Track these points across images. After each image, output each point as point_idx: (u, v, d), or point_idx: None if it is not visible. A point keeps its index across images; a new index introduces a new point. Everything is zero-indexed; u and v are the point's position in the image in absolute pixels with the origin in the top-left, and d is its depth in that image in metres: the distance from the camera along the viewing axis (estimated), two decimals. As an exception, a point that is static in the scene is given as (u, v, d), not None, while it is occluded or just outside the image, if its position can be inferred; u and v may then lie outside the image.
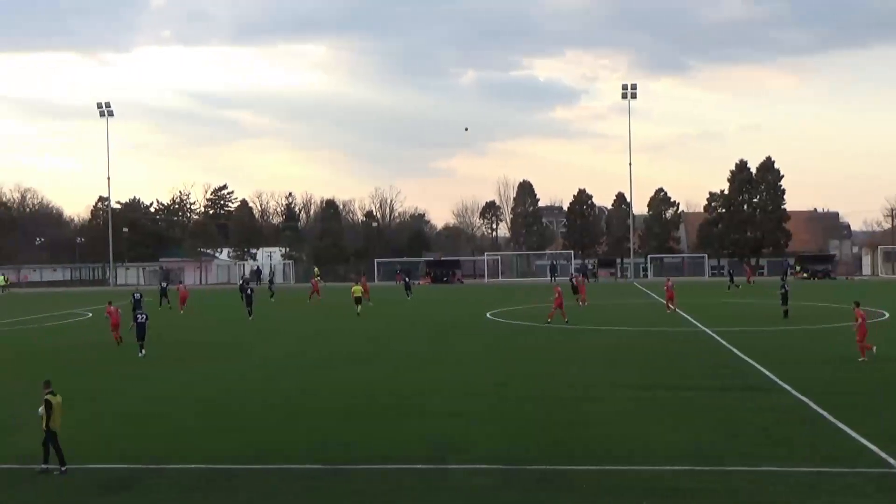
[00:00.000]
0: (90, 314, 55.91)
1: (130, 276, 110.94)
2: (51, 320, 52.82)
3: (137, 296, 49.63)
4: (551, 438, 19.04)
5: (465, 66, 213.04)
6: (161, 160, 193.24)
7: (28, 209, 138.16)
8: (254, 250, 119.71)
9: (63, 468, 17.11)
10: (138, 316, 35.25)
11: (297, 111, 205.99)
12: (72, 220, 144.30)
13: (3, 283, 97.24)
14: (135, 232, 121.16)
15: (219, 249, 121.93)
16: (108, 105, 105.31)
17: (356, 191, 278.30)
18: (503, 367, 29.46)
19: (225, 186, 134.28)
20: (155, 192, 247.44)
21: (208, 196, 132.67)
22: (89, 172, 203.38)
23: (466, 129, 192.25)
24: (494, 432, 19.59)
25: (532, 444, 18.56)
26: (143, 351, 33.92)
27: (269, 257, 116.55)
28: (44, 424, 17.34)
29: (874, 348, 29.52)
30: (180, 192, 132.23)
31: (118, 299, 53.45)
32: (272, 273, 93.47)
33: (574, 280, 64.35)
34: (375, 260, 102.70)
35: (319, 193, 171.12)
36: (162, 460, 17.73)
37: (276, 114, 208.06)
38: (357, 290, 52.66)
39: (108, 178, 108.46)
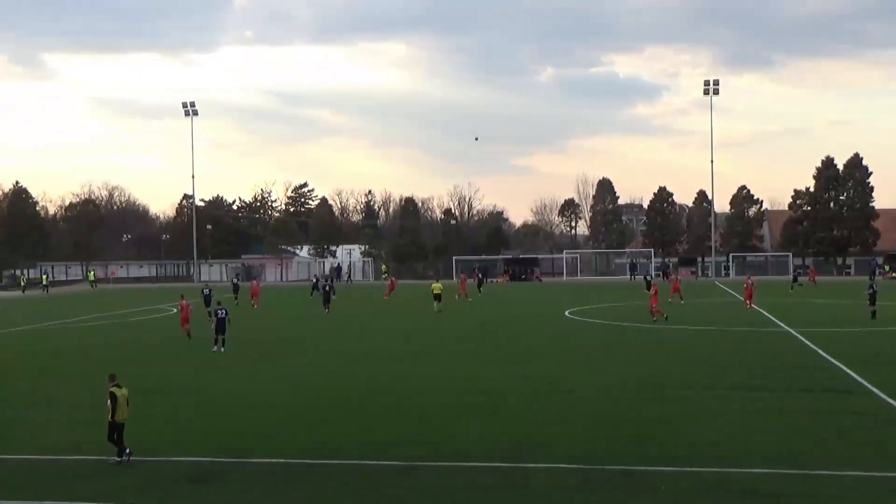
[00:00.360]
0: (174, 310, 57.04)
1: (214, 272, 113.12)
2: (136, 315, 54.15)
3: (206, 291, 51.17)
4: (630, 437, 18.96)
5: (545, 63, 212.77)
6: (243, 158, 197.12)
7: (115, 206, 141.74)
8: (333, 247, 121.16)
9: (120, 458, 17.47)
10: (218, 311, 35.84)
11: (377, 109, 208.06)
12: (157, 217, 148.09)
13: (92, 278, 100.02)
14: (218, 229, 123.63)
15: (299, 246, 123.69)
16: (192, 104, 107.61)
17: (435, 188, 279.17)
18: (582, 366, 29.41)
19: (305, 184, 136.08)
20: (237, 190, 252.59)
21: (289, 194, 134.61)
22: (174, 170, 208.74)
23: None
24: (573, 432, 19.57)
25: (611, 443, 18.50)
26: (224, 347, 34.60)
27: (349, 254, 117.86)
28: (108, 416, 17.84)
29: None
30: (262, 189, 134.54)
31: (198, 295, 54.66)
32: (350, 270, 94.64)
33: (648, 278, 63.78)
34: (454, 257, 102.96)
35: (398, 191, 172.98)
36: (244, 454, 18.16)
37: (356, 112, 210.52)
38: (437, 287, 53.14)
39: (193, 176, 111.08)
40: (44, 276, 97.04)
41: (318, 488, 15.70)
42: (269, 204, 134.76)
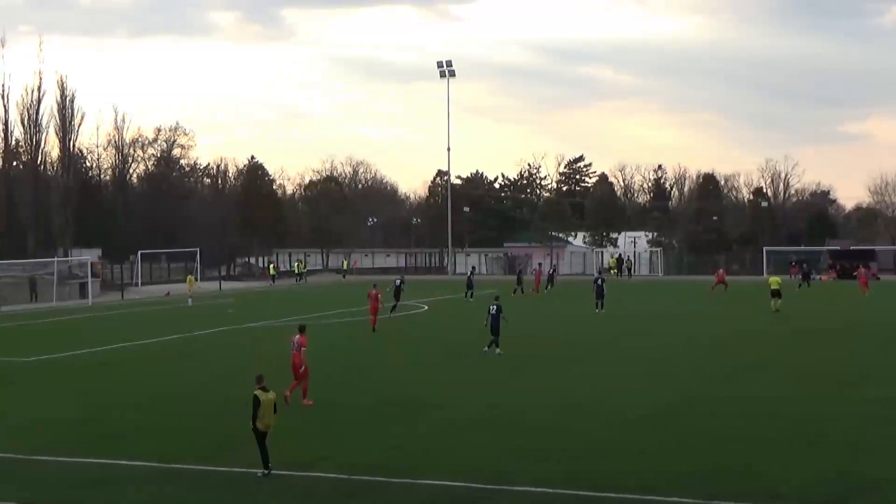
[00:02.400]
0: (425, 307, 58.85)
1: (472, 263, 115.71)
2: (383, 312, 56.18)
3: (398, 282, 53.19)
4: None
5: (887, 0, 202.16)
6: (507, 127, 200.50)
7: (360, 185, 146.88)
8: (615, 235, 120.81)
9: (266, 472, 18.54)
10: (490, 308, 36.58)
11: (670, 66, 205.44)
12: (407, 197, 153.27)
13: (345, 267, 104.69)
14: (477, 212, 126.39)
15: (572, 234, 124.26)
16: (448, 64, 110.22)
17: (742, 163, 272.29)
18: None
19: (581, 158, 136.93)
20: (500, 166, 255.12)
21: (561, 170, 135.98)
22: (427, 143, 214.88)
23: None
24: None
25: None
26: (498, 349, 35.51)
27: (633, 243, 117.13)
28: (251, 423, 18.76)
29: None
30: (529, 165, 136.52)
31: (451, 290, 55.87)
32: (629, 262, 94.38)
33: None
34: (764, 248, 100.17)
35: (696, 166, 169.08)
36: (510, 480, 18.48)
37: (643, 70, 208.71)
38: (775, 281, 54.95)
39: (448, 150, 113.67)
40: (297, 265, 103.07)
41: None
42: (538, 182, 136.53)
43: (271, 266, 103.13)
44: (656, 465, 19.54)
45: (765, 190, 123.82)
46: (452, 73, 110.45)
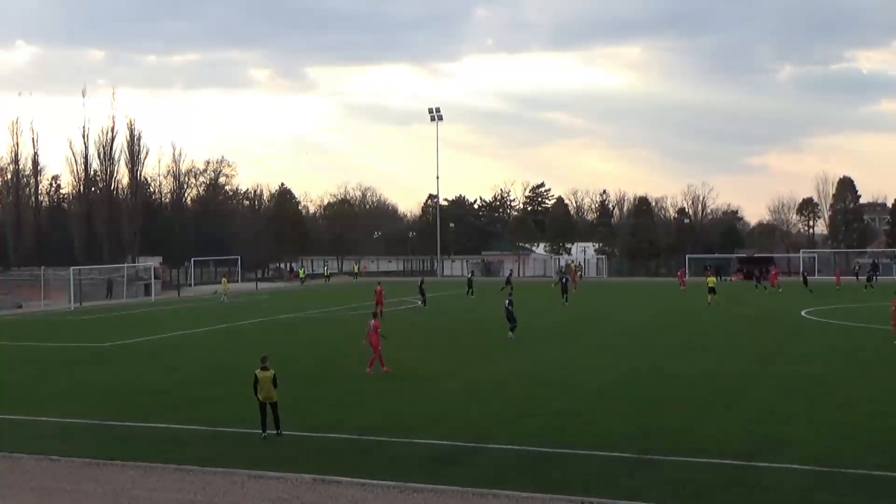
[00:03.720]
0: (420, 302, 58.82)
1: (456, 267, 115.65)
2: (388, 307, 56.02)
3: (377, 287, 51.99)
4: (869, 441, 17.80)
5: (782, 61, 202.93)
6: (484, 160, 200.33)
7: (368, 206, 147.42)
8: (569, 245, 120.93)
9: (277, 432, 18.81)
10: (506, 302, 37.35)
11: (612, 111, 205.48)
12: (405, 215, 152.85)
13: (356, 270, 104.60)
14: (460, 227, 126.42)
15: (536, 244, 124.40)
16: (437, 110, 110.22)
17: (668, 188, 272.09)
18: (819, 366, 27.86)
19: (542, 184, 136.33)
20: (478, 190, 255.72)
21: (527, 193, 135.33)
22: (420, 172, 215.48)
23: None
24: (810, 433, 18.62)
25: (851, 446, 17.44)
26: (512, 334, 35.71)
27: (583, 252, 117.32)
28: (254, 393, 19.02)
29: None
30: (501, 189, 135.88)
31: (447, 289, 55.79)
32: (580, 266, 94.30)
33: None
34: (686, 255, 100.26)
35: (632, 190, 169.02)
36: (483, 439, 18.44)
37: (592, 114, 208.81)
38: (711, 280, 56.13)
39: (437, 178, 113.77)
40: (325, 268, 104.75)
41: (554, 479, 15.71)
42: (508, 203, 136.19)
43: (302, 270, 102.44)
44: (605, 427, 19.53)
45: (687, 209, 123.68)
46: (441, 117, 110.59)
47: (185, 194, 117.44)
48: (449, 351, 33.19)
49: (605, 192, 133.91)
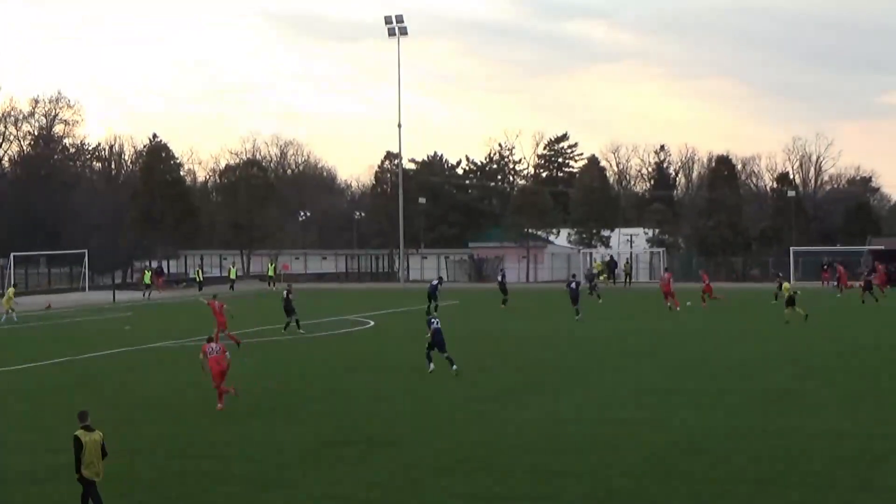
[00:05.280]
0: (371, 322, 57.65)
1: (428, 267, 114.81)
2: (316, 330, 54.93)
3: (291, 295, 51.25)
4: None
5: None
6: (472, 98, 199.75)
7: (290, 171, 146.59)
8: (606, 232, 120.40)
9: None
10: (431, 321, 37.52)
11: (676, 23, 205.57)
12: (348, 186, 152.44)
13: (271, 273, 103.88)
14: (435, 204, 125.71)
15: (554, 231, 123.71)
16: (399, 19, 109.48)
17: (763, 143, 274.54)
18: None
19: (565, 136, 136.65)
20: (464, 147, 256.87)
21: (540, 151, 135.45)
22: (373, 117, 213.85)
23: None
24: None
25: None
26: (454, 365, 36.20)
27: (630, 243, 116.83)
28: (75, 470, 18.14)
29: None
30: (500, 145, 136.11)
31: (408, 301, 54.65)
32: (628, 265, 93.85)
33: None
34: (791, 248, 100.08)
35: (707, 147, 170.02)
36: None
37: (643, 26, 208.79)
38: (787, 287, 57.77)
39: (399, 126, 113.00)
40: (231, 269, 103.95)
41: None
42: (511, 167, 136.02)
43: (198, 272, 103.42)
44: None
45: (791, 176, 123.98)
46: (404, 31, 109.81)
47: (0, 152, 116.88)
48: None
49: (663, 148, 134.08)
